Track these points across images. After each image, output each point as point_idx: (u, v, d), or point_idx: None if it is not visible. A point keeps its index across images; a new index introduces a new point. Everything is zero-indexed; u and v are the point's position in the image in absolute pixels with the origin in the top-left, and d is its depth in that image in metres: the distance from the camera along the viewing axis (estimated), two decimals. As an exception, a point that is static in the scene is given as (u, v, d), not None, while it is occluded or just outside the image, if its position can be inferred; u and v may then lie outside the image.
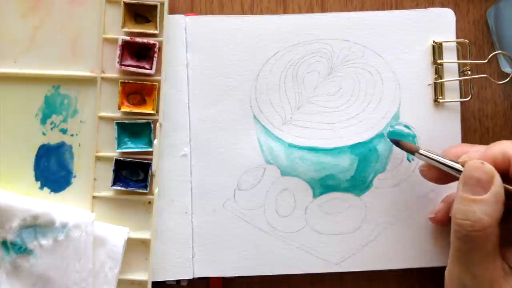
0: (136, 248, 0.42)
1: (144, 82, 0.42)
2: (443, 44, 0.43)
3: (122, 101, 0.42)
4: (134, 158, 0.42)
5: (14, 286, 0.40)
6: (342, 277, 0.44)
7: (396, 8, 0.45)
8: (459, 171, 0.36)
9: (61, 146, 0.43)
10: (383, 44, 0.43)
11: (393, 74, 0.43)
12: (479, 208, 0.33)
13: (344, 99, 0.43)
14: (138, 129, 0.42)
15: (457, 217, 0.34)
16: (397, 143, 0.41)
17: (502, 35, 0.43)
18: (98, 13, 0.42)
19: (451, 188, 0.40)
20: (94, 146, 0.42)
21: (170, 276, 0.42)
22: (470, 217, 0.33)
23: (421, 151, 0.39)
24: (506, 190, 0.34)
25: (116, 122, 0.42)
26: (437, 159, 0.38)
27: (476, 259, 0.33)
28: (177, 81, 0.43)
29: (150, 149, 0.42)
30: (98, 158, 0.42)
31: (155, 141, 0.42)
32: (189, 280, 0.43)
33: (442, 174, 0.38)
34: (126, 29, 0.42)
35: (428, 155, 0.38)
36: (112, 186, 0.42)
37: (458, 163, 0.37)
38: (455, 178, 0.36)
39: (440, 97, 0.43)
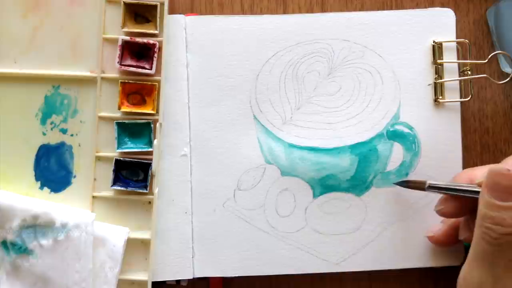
0: (136, 248, 0.42)
1: (144, 82, 0.42)
2: (443, 44, 0.43)
3: (122, 101, 0.42)
4: (134, 158, 0.42)
5: (14, 286, 0.40)
6: (342, 277, 0.44)
7: (396, 8, 0.45)
8: (475, 192, 0.36)
9: (61, 146, 0.43)
10: (383, 44, 0.43)
11: (393, 74, 0.43)
12: (510, 214, 0.33)
13: (344, 99, 0.43)
14: (138, 129, 0.42)
15: (487, 222, 0.33)
16: (404, 184, 0.41)
17: (502, 35, 0.43)
18: (98, 13, 0.42)
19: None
20: (94, 146, 0.42)
21: (170, 276, 0.42)
22: (501, 222, 0.33)
23: (429, 183, 0.38)
24: None
25: (116, 122, 0.42)
26: (449, 186, 0.37)
27: (503, 262, 0.33)
28: (177, 81, 0.43)
29: (150, 149, 0.42)
30: (98, 158, 0.42)
31: (155, 141, 0.42)
32: (189, 280, 0.43)
33: (460, 205, 0.38)
34: (126, 29, 0.42)
35: (438, 185, 0.38)
36: (112, 186, 0.42)
37: (473, 186, 0.36)
38: (474, 206, 0.36)
39: (440, 97, 0.43)
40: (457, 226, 0.40)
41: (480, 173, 0.37)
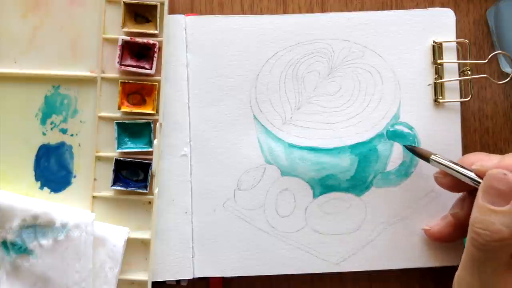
0: (136, 248, 0.42)
1: (144, 82, 0.42)
2: (443, 44, 0.43)
3: (122, 101, 0.42)
4: (134, 158, 0.42)
5: (14, 286, 0.40)
6: (342, 277, 0.44)
7: (396, 8, 0.45)
8: (473, 180, 0.36)
9: (61, 146, 0.43)
10: (383, 44, 0.43)
11: (393, 74, 0.43)
12: (499, 219, 0.32)
13: (344, 99, 0.43)
14: (138, 129, 0.42)
15: (476, 226, 0.33)
16: (412, 149, 0.41)
17: (502, 35, 0.43)
18: (98, 13, 0.42)
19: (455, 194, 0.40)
20: (94, 146, 0.42)
21: (170, 276, 0.42)
22: (489, 227, 0.33)
23: (433, 157, 0.39)
24: None
25: (116, 122, 0.42)
26: (450, 166, 0.38)
27: (490, 269, 0.33)
28: (177, 81, 0.43)
29: (150, 149, 0.42)
30: (98, 158, 0.42)
31: (155, 141, 0.42)
32: (189, 280, 0.43)
33: (457, 182, 0.38)
34: (126, 29, 0.42)
35: (441, 162, 0.38)
36: (112, 186, 0.42)
37: (471, 171, 0.36)
38: (470, 186, 0.36)
39: (440, 97, 0.43)
40: (454, 224, 0.41)
41: (486, 161, 0.36)
